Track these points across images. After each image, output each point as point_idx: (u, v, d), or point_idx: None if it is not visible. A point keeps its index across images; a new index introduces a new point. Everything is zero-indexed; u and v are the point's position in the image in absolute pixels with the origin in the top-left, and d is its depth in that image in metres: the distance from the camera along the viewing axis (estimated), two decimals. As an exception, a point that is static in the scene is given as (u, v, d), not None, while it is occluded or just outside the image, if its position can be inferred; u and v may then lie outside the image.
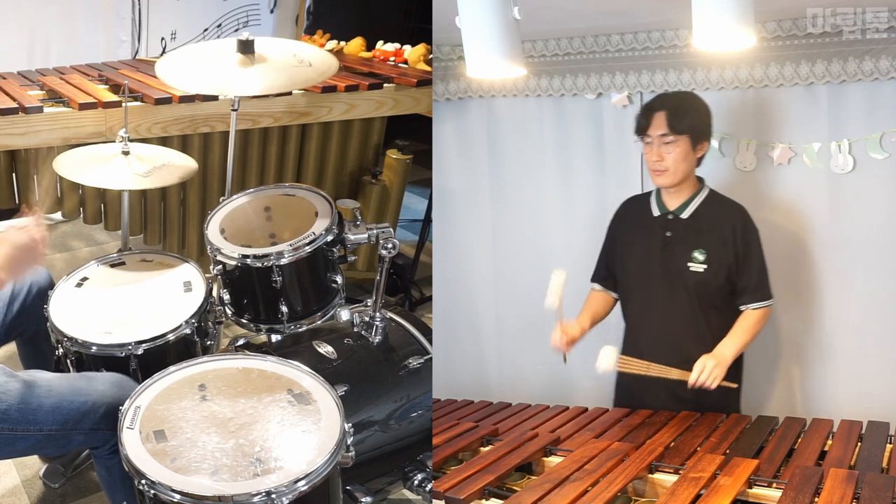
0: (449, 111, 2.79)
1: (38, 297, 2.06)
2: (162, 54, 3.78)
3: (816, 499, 1.41)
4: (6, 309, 2.04)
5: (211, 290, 2.13)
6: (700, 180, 2.12)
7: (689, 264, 2.05)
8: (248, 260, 2.11)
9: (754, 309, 2.06)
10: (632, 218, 2.21)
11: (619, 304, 2.27)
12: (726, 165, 2.38)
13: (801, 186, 2.28)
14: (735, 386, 2.08)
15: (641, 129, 2.07)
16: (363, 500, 1.87)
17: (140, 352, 1.91)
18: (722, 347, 2.03)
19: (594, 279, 2.30)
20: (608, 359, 1.96)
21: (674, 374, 2.01)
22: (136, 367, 1.91)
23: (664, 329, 2.11)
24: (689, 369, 2.01)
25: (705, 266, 2.04)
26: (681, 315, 2.09)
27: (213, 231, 2.22)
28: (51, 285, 2.10)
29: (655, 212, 2.13)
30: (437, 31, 2.57)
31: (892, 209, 2.19)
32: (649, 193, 2.17)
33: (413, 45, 3.31)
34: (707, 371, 1.97)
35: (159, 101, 2.63)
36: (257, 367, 1.77)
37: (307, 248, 2.11)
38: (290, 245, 2.10)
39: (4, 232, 1.69)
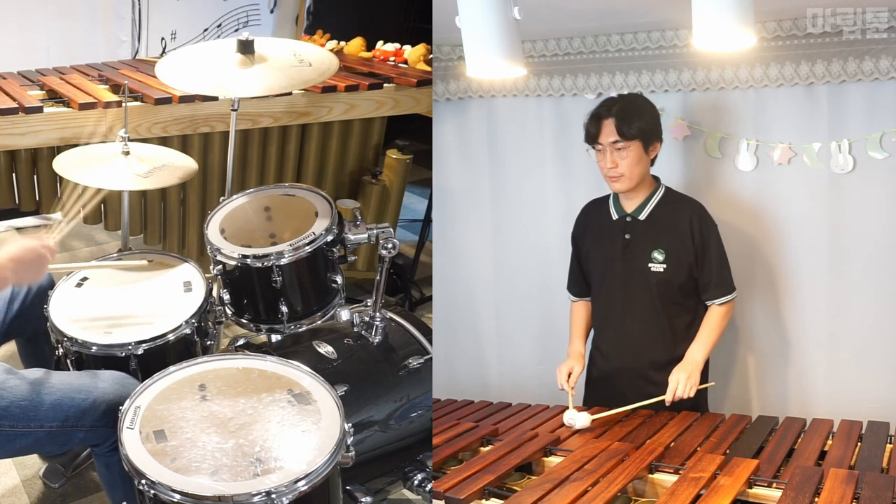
0: (449, 111, 2.79)
1: (38, 297, 2.06)
2: (162, 54, 3.79)
3: (816, 499, 1.41)
4: (6, 308, 2.04)
5: (211, 290, 2.13)
6: (656, 179, 2.14)
7: (650, 264, 2.07)
8: (248, 260, 2.11)
9: (719, 304, 2.08)
10: (592, 223, 2.23)
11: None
12: (726, 165, 2.38)
13: (801, 186, 2.28)
14: (713, 384, 2.12)
15: (592, 137, 2.07)
16: (363, 500, 1.87)
17: (140, 352, 1.91)
18: (692, 353, 2.05)
19: (572, 292, 2.32)
20: (583, 419, 1.96)
21: (650, 401, 2.01)
22: (136, 367, 1.91)
23: (629, 330, 2.13)
24: (657, 369, 2.06)
25: (665, 265, 2.06)
26: (644, 315, 2.10)
27: (213, 231, 2.22)
28: (51, 285, 2.10)
29: (614, 215, 2.15)
30: (437, 31, 2.57)
31: (892, 209, 2.19)
32: (608, 197, 2.18)
33: (413, 45, 3.32)
34: (682, 385, 1.98)
35: (159, 101, 2.64)
36: (257, 367, 1.77)
37: (307, 248, 2.11)
38: (290, 245, 2.10)
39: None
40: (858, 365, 2.30)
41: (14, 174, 2.63)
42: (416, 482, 2.04)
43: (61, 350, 1.95)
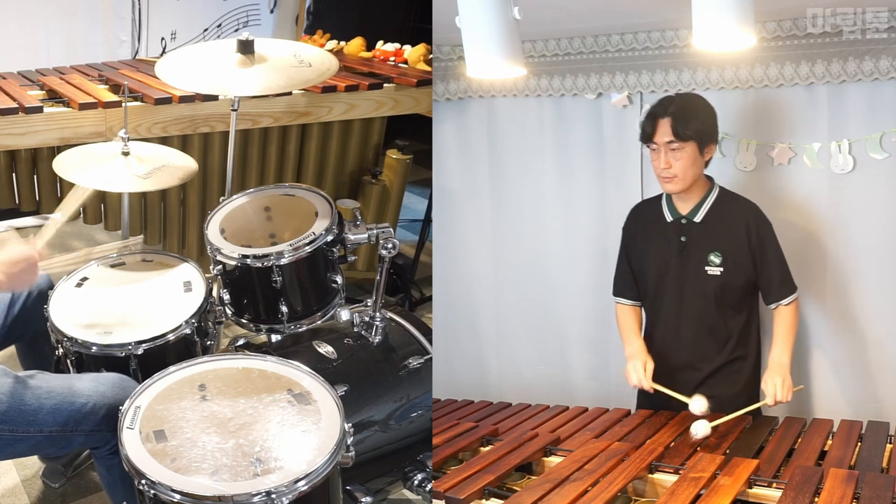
0: (449, 111, 2.79)
1: (39, 300, 2.06)
2: (162, 54, 3.78)
3: (816, 499, 1.41)
4: (6, 312, 2.04)
5: (211, 290, 2.13)
6: (710, 180, 2.09)
7: (707, 268, 2.03)
8: (248, 260, 2.11)
9: (786, 304, 2.04)
10: (644, 224, 2.17)
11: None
12: (726, 165, 2.37)
13: (801, 186, 2.28)
14: (801, 388, 2.06)
15: (647, 136, 2.02)
16: (363, 500, 1.87)
17: (140, 352, 1.91)
18: (777, 357, 2.00)
19: (625, 296, 2.22)
20: (704, 428, 1.85)
21: (754, 406, 1.96)
22: (136, 367, 1.91)
23: (685, 334, 2.08)
24: (713, 374, 2.03)
25: (722, 269, 2.02)
26: (701, 319, 2.06)
27: (213, 231, 2.22)
28: (50, 286, 2.10)
29: (668, 217, 2.09)
30: (437, 31, 2.57)
31: (892, 209, 2.19)
32: (660, 198, 2.13)
33: (413, 45, 3.32)
34: (780, 389, 1.94)
35: (159, 101, 2.64)
36: (257, 367, 1.77)
37: (307, 248, 2.11)
38: (290, 245, 2.10)
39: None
40: (858, 365, 2.30)
41: (14, 174, 2.63)
42: (416, 482, 2.04)
43: (61, 350, 1.94)
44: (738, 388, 2.05)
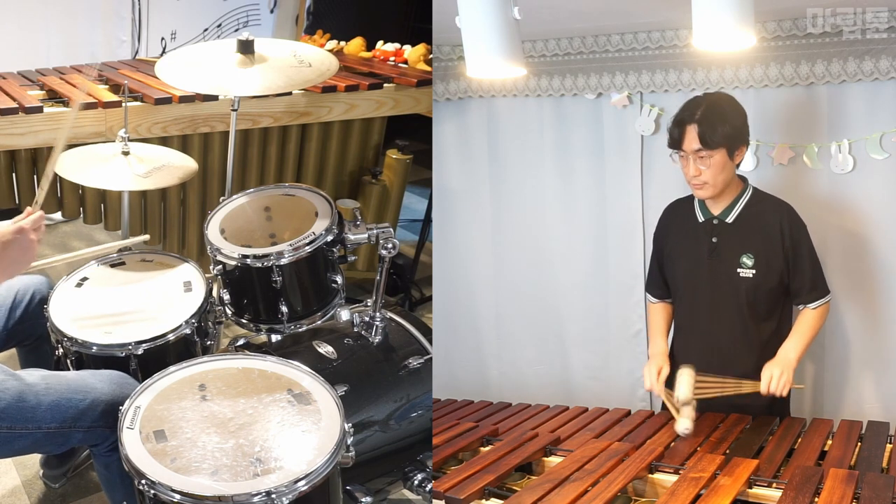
0: (449, 111, 2.79)
1: (40, 305, 2.05)
2: (162, 54, 3.79)
3: (816, 499, 1.41)
4: (7, 315, 2.03)
5: (211, 290, 2.14)
6: (743, 180, 2.04)
7: (739, 270, 1.98)
8: (248, 260, 2.11)
9: (813, 308, 2.00)
10: (676, 225, 2.13)
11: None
12: (726, 165, 2.38)
13: (801, 186, 2.28)
14: (802, 387, 2.03)
15: (675, 143, 1.97)
16: (363, 500, 1.87)
17: (140, 352, 1.91)
18: (786, 350, 1.96)
19: (652, 294, 2.22)
20: (685, 386, 1.85)
21: (746, 387, 1.93)
22: (136, 367, 1.91)
23: (715, 337, 2.05)
24: (743, 378, 1.96)
25: (754, 271, 1.97)
26: (732, 322, 2.02)
27: (213, 231, 2.22)
28: (51, 288, 2.10)
29: (700, 217, 2.05)
30: (437, 31, 2.57)
31: (892, 209, 2.19)
32: (692, 198, 2.09)
33: (413, 45, 3.32)
34: (776, 380, 1.90)
35: (159, 101, 2.64)
36: (257, 367, 1.77)
37: (307, 248, 2.11)
38: (290, 245, 2.10)
39: None
40: (858, 365, 2.31)
41: (14, 174, 2.63)
42: (416, 482, 2.04)
43: (61, 350, 1.95)
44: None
